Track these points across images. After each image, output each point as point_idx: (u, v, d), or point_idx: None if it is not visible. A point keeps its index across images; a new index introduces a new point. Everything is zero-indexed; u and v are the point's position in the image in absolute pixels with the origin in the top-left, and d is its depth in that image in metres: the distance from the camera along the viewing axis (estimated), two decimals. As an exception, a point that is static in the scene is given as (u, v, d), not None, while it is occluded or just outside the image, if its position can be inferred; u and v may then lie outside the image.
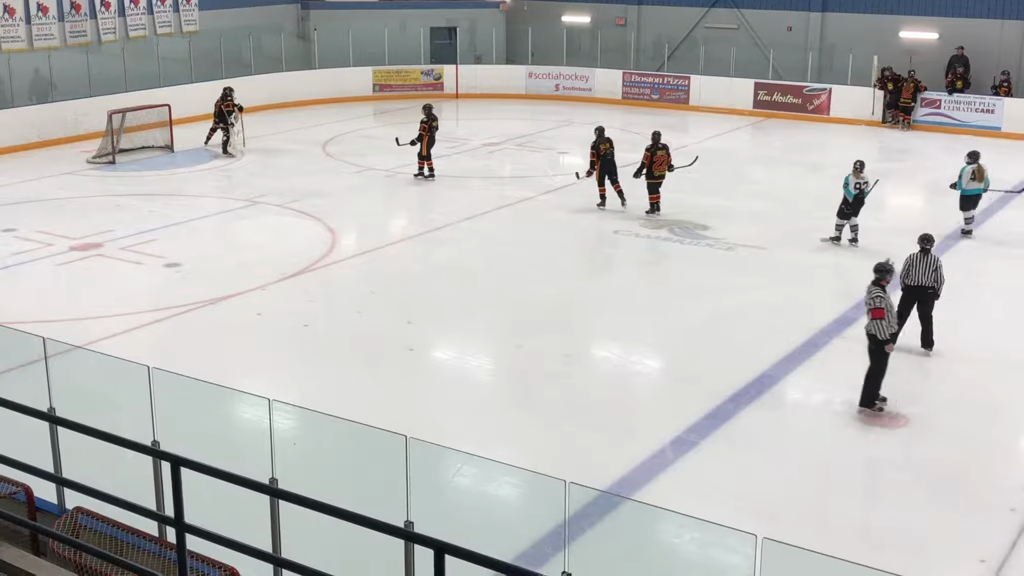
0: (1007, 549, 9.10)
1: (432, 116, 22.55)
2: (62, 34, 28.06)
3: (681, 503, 8.62)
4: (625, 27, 35.09)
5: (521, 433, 11.37)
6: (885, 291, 11.43)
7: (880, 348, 11.41)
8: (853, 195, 17.93)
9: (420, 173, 22.58)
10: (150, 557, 6.44)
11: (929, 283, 12.91)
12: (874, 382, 11.51)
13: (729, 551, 6.89)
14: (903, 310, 12.92)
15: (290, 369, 13.00)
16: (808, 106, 30.32)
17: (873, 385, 11.53)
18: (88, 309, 14.73)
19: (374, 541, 5.44)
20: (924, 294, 12.95)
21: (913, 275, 12.93)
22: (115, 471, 7.03)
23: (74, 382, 8.98)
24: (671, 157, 19.95)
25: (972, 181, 18.63)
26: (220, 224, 19.63)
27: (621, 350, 13.82)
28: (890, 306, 11.50)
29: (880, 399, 11.56)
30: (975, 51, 29.20)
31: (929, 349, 13.16)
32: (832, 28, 32.03)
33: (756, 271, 16.71)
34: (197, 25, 31.62)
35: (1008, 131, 27.63)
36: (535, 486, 7.90)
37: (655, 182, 19.79)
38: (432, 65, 34.58)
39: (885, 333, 11.32)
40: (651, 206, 19.93)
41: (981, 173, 18.64)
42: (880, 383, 11.55)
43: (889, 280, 11.56)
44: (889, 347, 11.43)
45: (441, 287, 15.96)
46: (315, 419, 8.74)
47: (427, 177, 22.50)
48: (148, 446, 6.51)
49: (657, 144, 19.72)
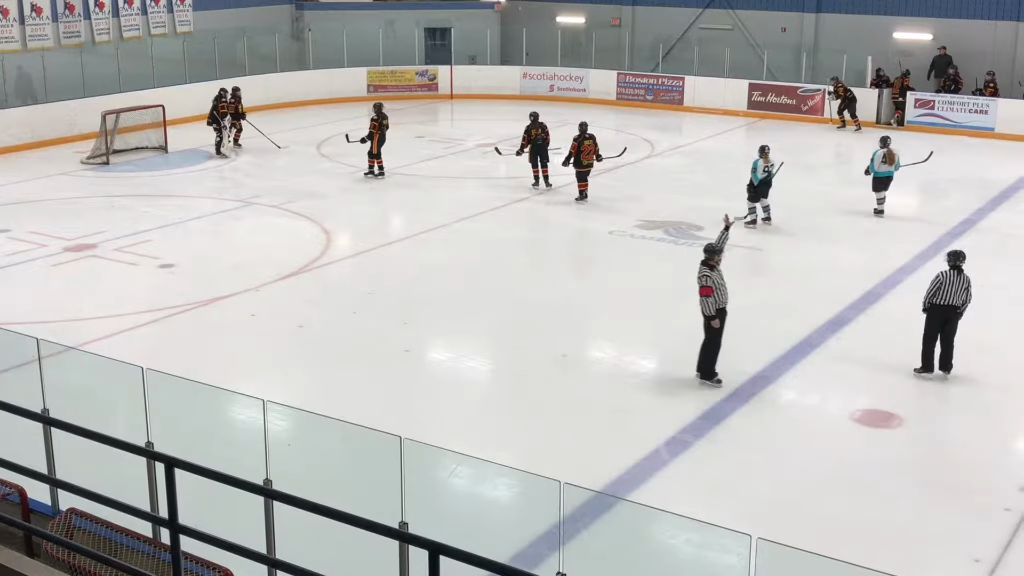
0: (1002, 548, 9.11)
1: (383, 115, 22.76)
2: (56, 35, 28.02)
3: (676, 503, 8.62)
4: (619, 28, 35.10)
5: (516, 434, 11.37)
6: (713, 270, 12.10)
7: (709, 324, 12.18)
8: (760, 178, 18.99)
9: (370, 171, 22.76)
10: (144, 558, 6.43)
11: (959, 302, 12.24)
12: (709, 355, 12.28)
13: (724, 551, 6.88)
14: (931, 331, 12.32)
15: (285, 370, 12.98)
16: (802, 107, 30.36)
17: (709, 358, 12.30)
18: (82, 310, 14.70)
19: (369, 542, 5.43)
20: (952, 313, 12.23)
21: (944, 294, 12.18)
22: (109, 472, 7.01)
23: (68, 383, 8.96)
24: (598, 147, 20.72)
25: (883, 164, 19.81)
26: (215, 225, 19.61)
27: (616, 351, 13.82)
28: (718, 284, 12.14)
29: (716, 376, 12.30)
30: (968, 52, 29.25)
31: (948, 372, 12.43)
32: (826, 29, 32.07)
33: (751, 272, 16.72)
34: (191, 26, 31.59)
35: (1001, 132, 27.69)
36: (530, 487, 7.89)
37: (583, 171, 20.68)
38: (426, 66, 34.56)
39: (711, 309, 12.09)
40: (580, 193, 20.83)
41: (892, 156, 19.79)
42: (715, 356, 12.30)
43: (717, 260, 12.25)
44: (715, 322, 12.14)
45: (437, 288, 15.95)
46: (310, 420, 8.73)
47: (376, 175, 22.67)
48: (142, 447, 6.49)
49: (584, 134, 20.52)
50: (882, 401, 11.95)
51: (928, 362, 12.38)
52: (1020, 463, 10.89)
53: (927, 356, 12.38)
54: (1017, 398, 12.36)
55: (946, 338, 12.33)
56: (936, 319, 12.28)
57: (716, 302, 12.12)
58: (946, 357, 12.41)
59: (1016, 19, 29.21)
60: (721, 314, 12.19)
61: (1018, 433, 11.73)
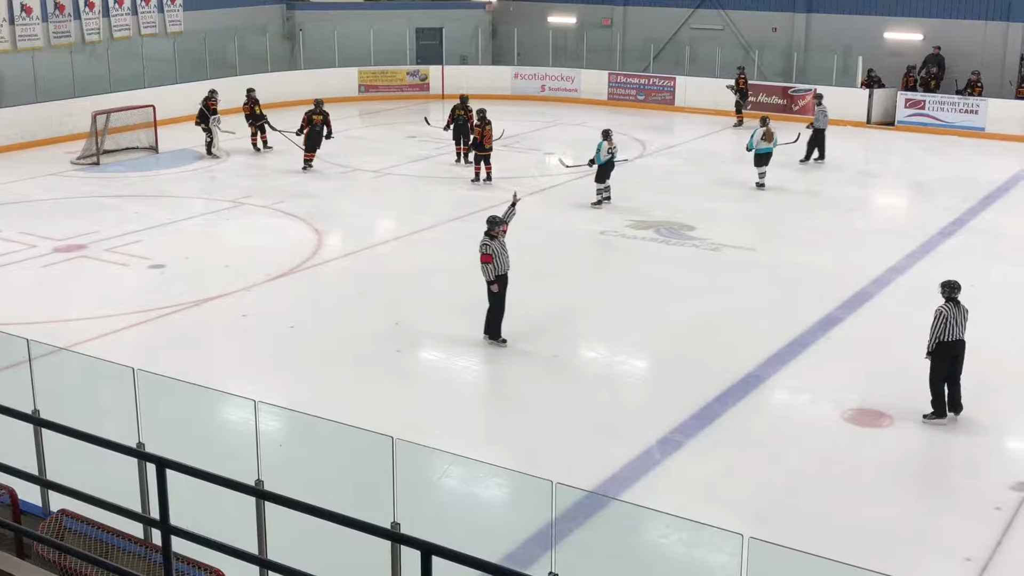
0: (992, 547, 9.14)
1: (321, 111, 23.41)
2: (46, 35, 27.94)
3: (668, 503, 8.64)
4: (611, 28, 35.13)
5: (508, 434, 11.38)
6: (494, 240, 13.22)
7: (489, 289, 13.30)
8: (603, 160, 20.29)
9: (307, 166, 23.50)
10: (135, 559, 6.41)
11: (964, 335, 11.36)
12: (493, 317, 13.38)
13: (716, 551, 6.90)
14: (942, 371, 11.33)
15: (276, 370, 12.97)
16: (793, 107, 30.40)
17: (494, 320, 13.41)
18: (73, 311, 14.67)
19: (360, 542, 5.43)
20: (962, 348, 11.33)
21: (951, 330, 11.23)
22: (100, 473, 7.00)
23: (58, 384, 8.95)
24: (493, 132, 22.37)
25: (762, 141, 21.74)
26: (205, 225, 19.57)
27: (608, 350, 13.83)
28: (498, 253, 13.24)
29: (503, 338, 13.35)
30: (959, 52, 29.34)
31: (959, 413, 11.49)
32: (817, 29, 32.13)
33: (742, 271, 16.74)
34: (182, 26, 31.52)
35: (992, 132, 27.77)
36: (522, 487, 7.90)
37: (485, 154, 22.14)
38: (418, 66, 34.55)
39: (491, 275, 13.20)
40: (475, 175, 22.31)
41: (770, 135, 21.75)
42: (500, 319, 13.40)
43: (500, 231, 13.29)
44: (494, 287, 13.26)
45: (428, 288, 15.94)
46: (301, 420, 8.72)
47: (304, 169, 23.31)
48: (133, 448, 6.48)
49: (485, 120, 21.98)
50: (873, 400, 11.97)
51: (942, 406, 11.39)
52: (1011, 462, 10.91)
53: (940, 399, 11.38)
54: (1008, 397, 12.40)
55: (954, 376, 11.43)
56: (946, 358, 11.30)
57: (496, 269, 13.25)
58: (956, 396, 11.49)
59: (1006, 19, 29.30)
60: (501, 280, 13.34)
61: (1009, 433, 11.76)
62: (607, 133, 20.51)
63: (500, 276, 13.32)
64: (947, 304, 11.28)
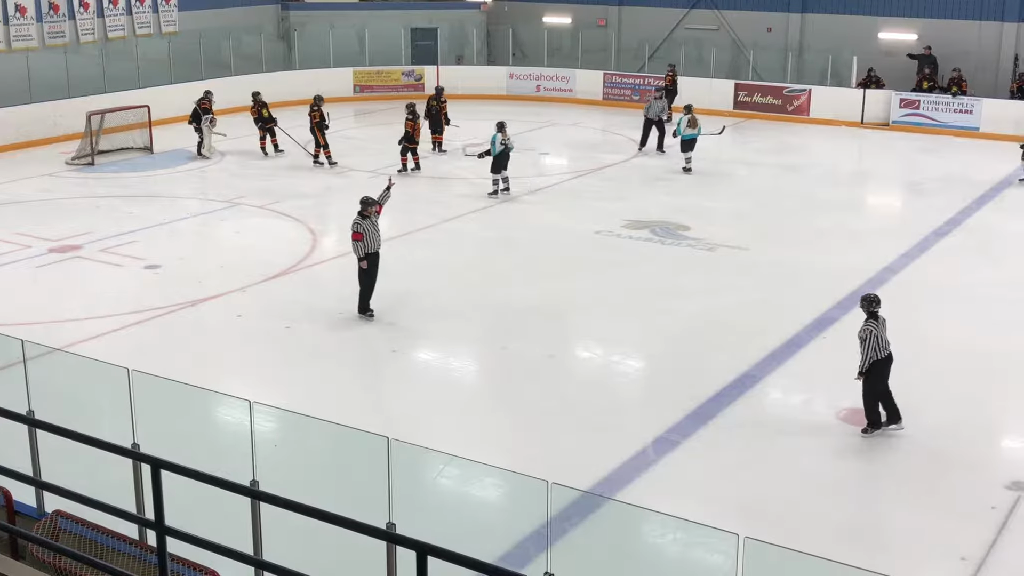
0: (987, 547, 9.15)
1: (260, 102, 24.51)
2: (40, 35, 27.90)
3: (663, 503, 8.63)
4: (606, 28, 35.12)
5: (504, 434, 11.37)
6: (366, 219, 14.17)
7: (359, 265, 14.27)
8: (498, 151, 20.91)
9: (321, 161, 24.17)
10: (130, 560, 6.41)
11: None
12: (363, 293, 14.42)
13: (711, 550, 6.90)
14: (879, 386, 11.04)
15: (271, 371, 12.96)
16: (788, 107, 30.43)
17: (363, 296, 14.42)
18: (67, 311, 14.64)
19: (356, 543, 5.43)
20: (891, 361, 11.07)
21: (882, 347, 10.98)
22: (95, 474, 7.00)
23: (53, 385, 8.92)
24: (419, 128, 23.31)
25: (688, 128, 23.31)
26: (200, 225, 19.55)
27: (603, 350, 13.83)
28: (369, 232, 14.18)
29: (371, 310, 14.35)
30: (953, 52, 29.36)
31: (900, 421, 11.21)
32: (811, 29, 32.15)
33: (737, 271, 16.75)
34: (176, 26, 31.48)
35: (986, 131, 27.80)
36: (517, 487, 7.90)
37: (413, 147, 23.12)
38: (413, 66, 34.53)
39: (361, 252, 14.15)
40: (402, 166, 23.10)
41: (695, 121, 23.43)
42: (368, 295, 14.38)
43: (371, 212, 14.27)
44: (363, 263, 14.20)
45: (424, 288, 15.93)
46: (296, 421, 8.72)
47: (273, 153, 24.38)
48: (128, 449, 6.48)
49: (415, 114, 23.02)
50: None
51: (878, 418, 11.12)
52: (1005, 461, 10.93)
53: (874, 413, 11.10)
54: (1002, 396, 12.42)
55: (887, 389, 11.15)
56: (881, 374, 11.03)
57: (366, 247, 14.17)
58: (894, 406, 11.18)
59: (1000, 19, 29.34)
60: (371, 258, 14.26)
61: (1003, 431, 11.78)
62: (501, 125, 21.18)
63: (370, 254, 14.26)
64: (871, 321, 10.99)
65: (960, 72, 28.57)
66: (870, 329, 10.93)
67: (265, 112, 24.86)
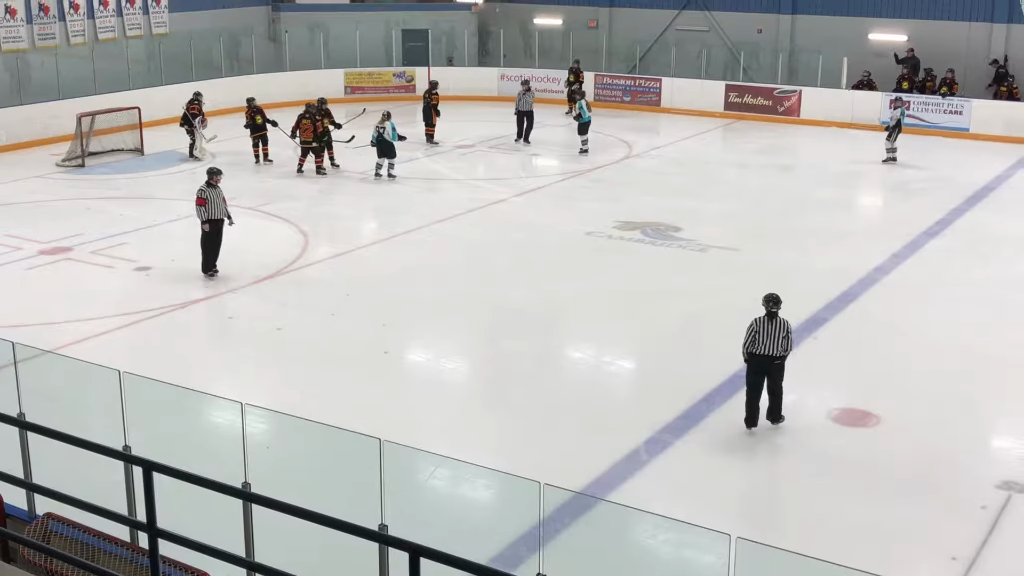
0: (978, 546, 9.17)
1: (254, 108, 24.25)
2: (30, 36, 27.81)
3: (655, 503, 8.65)
4: (597, 29, 35.16)
5: (495, 435, 11.37)
6: (211, 188, 15.63)
7: (202, 228, 15.73)
8: (375, 137, 22.58)
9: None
10: (122, 563, 6.40)
11: (778, 352, 11.04)
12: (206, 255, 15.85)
13: (703, 551, 6.91)
14: (754, 382, 11.15)
15: (263, 372, 12.94)
16: (778, 108, 30.49)
17: (207, 257, 15.85)
18: (58, 313, 14.61)
19: (348, 544, 5.43)
20: (770, 364, 11.03)
21: (760, 343, 11.01)
22: (86, 476, 6.99)
23: (44, 387, 8.90)
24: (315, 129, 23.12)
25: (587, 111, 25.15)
26: (191, 227, 19.40)
27: (595, 351, 13.84)
28: (212, 199, 15.60)
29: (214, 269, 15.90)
30: (942, 53, 29.43)
31: (775, 423, 11.27)
32: (802, 30, 32.22)
33: (728, 272, 16.77)
34: (167, 27, 31.41)
35: (976, 132, 27.90)
36: (509, 488, 7.90)
37: (313, 147, 23.14)
38: (404, 67, 34.52)
39: (204, 216, 15.66)
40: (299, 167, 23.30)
41: (589, 105, 25.69)
42: (211, 258, 15.85)
43: (216, 180, 15.71)
44: (205, 227, 15.68)
45: (415, 289, 15.93)
46: (288, 423, 8.72)
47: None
48: (119, 451, 6.47)
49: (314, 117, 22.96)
50: (859, 400, 12.02)
51: (750, 413, 11.17)
52: (996, 461, 10.96)
53: (749, 407, 11.17)
54: (992, 397, 12.46)
55: (771, 389, 11.17)
56: (757, 370, 11.10)
57: (208, 213, 15.62)
58: (773, 408, 11.23)
59: (990, 20, 29.44)
60: (214, 224, 15.71)
61: (993, 431, 11.81)
62: (386, 114, 22.67)
63: (213, 220, 15.75)
64: (762, 318, 11.04)
65: (953, 74, 28.67)
66: (753, 323, 11.10)
67: (259, 119, 24.26)
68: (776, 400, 11.21)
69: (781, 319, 11.06)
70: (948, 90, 28.53)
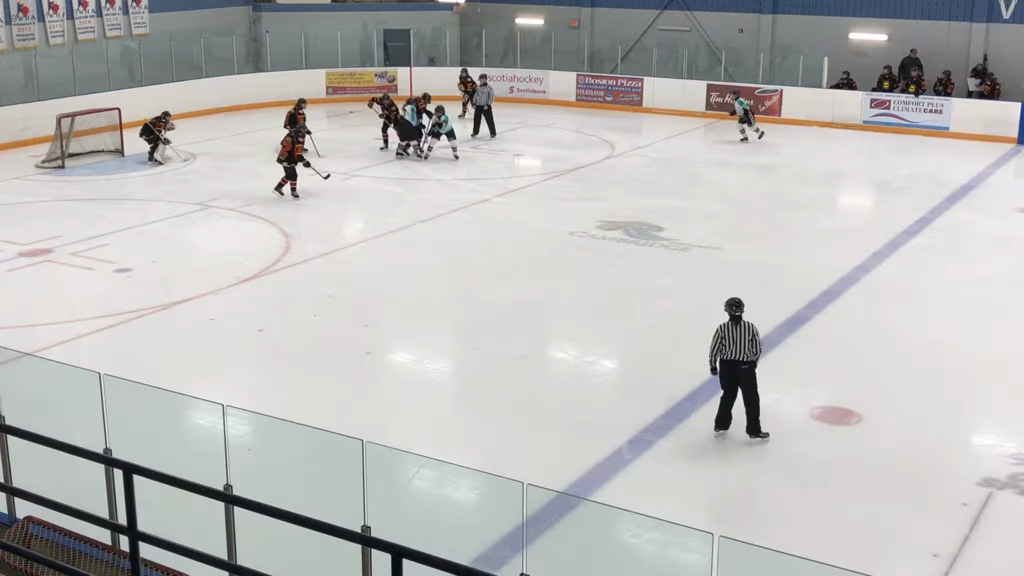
0: (959, 543, 9.22)
1: None
2: (9, 37, 27.63)
3: (638, 503, 8.65)
4: (578, 29, 35.19)
5: (478, 435, 11.37)
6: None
7: None
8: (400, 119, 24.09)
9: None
10: (103, 566, 6.37)
11: (747, 357, 10.82)
12: None
13: (686, 550, 6.93)
14: (729, 389, 10.97)
15: (245, 374, 12.90)
16: (760, 107, 30.55)
17: None
18: (38, 315, 14.53)
19: (331, 546, 5.41)
20: (738, 370, 10.83)
21: (728, 348, 10.82)
22: (67, 479, 6.94)
23: (24, 389, 8.86)
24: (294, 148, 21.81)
25: None
26: (172, 228, 19.42)
27: (577, 351, 13.85)
28: None
29: None
30: (923, 53, 29.57)
31: (753, 436, 10.97)
32: (783, 30, 32.32)
33: (710, 271, 16.81)
34: (147, 28, 31.27)
35: (956, 131, 28.04)
36: (493, 488, 7.91)
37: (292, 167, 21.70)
38: (385, 67, 34.47)
39: None
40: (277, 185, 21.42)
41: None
42: None
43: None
44: None
45: (397, 290, 15.91)
46: (270, 424, 8.69)
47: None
48: (100, 454, 6.44)
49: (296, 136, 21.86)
50: (840, 398, 12.06)
51: (721, 419, 11.06)
52: (977, 458, 11.02)
53: (720, 413, 11.07)
54: (973, 395, 12.53)
55: (748, 398, 10.91)
56: (725, 375, 10.95)
57: None
58: (750, 419, 10.95)
59: (970, 20, 29.59)
60: None
61: (974, 429, 11.87)
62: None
63: None
64: (725, 323, 10.90)
65: (949, 74, 28.83)
66: (717, 329, 10.93)
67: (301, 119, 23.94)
68: (753, 410, 10.92)
69: (746, 322, 10.90)
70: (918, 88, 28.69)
